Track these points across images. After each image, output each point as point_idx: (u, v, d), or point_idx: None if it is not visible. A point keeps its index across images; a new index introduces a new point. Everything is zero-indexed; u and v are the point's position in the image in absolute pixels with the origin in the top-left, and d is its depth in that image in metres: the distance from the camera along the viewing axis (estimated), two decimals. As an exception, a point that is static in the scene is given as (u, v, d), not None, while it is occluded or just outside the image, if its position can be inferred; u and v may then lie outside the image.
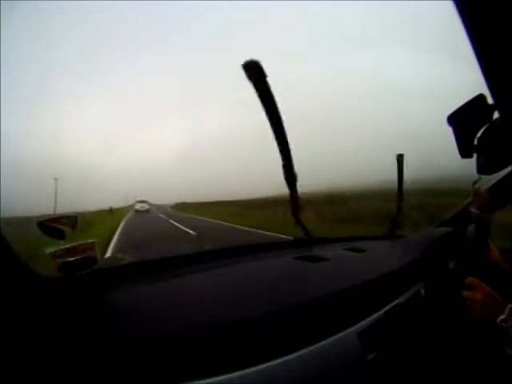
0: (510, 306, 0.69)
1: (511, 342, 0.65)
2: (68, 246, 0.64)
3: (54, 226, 0.64)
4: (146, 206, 21.74)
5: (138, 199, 23.15)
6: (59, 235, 0.65)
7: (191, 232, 7.87)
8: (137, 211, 20.58)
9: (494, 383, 0.81)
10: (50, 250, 0.62)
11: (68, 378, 0.44)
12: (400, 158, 1.38)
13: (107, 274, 0.76)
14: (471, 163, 0.77)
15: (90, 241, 0.68)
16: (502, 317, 0.69)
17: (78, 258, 0.64)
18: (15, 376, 0.43)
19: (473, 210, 0.78)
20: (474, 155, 0.77)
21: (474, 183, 0.79)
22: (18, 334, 0.47)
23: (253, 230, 8.11)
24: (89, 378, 0.45)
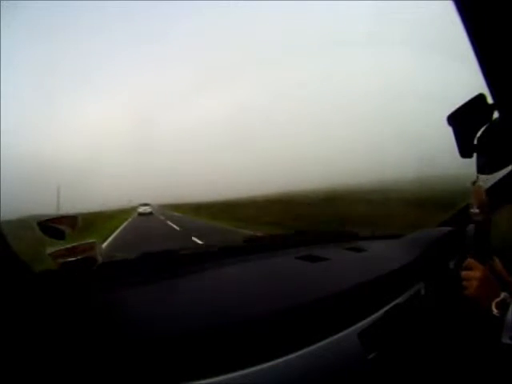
0: (504, 293, 0.69)
1: (507, 330, 0.64)
2: (68, 245, 0.64)
3: (54, 226, 0.64)
4: (148, 209, 21.98)
5: (141, 202, 23.38)
6: (59, 235, 0.65)
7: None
8: (140, 214, 20.62)
9: (494, 382, 0.81)
10: (50, 250, 0.62)
11: (68, 377, 0.44)
12: None
13: (107, 273, 0.76)
14: (471, 163, 0.77)
15: (90, 241, 0.68)
16: (498, 299, 0.68)
17: (78, 258, 0.64)
18: (15, 376, 0.43)
19: (472, 210, 0.77)
20: (474, 155, 0.77)
21: (474, 183, 0.78)
22: (17, 334, 0.47)
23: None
24: (89, 378, 0.45)
